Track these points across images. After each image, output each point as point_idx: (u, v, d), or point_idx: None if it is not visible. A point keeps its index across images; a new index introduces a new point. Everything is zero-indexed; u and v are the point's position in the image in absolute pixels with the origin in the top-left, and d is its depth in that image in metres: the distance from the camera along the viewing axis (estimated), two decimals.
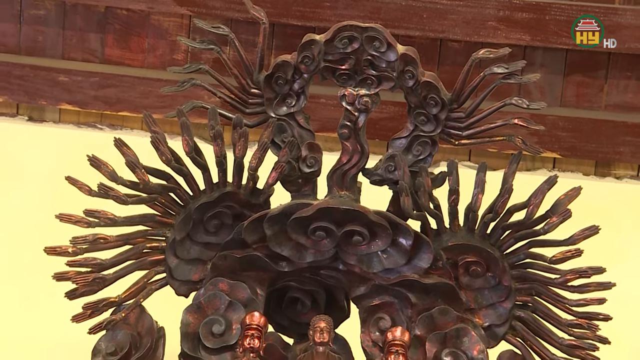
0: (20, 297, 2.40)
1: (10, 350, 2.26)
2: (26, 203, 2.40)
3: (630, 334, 2.12)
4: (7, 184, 2.64)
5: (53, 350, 2.13)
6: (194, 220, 2.07)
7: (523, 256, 2.07)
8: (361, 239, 2.03)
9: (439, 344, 2.05)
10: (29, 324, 2.28)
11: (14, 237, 2.38)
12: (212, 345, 2.04)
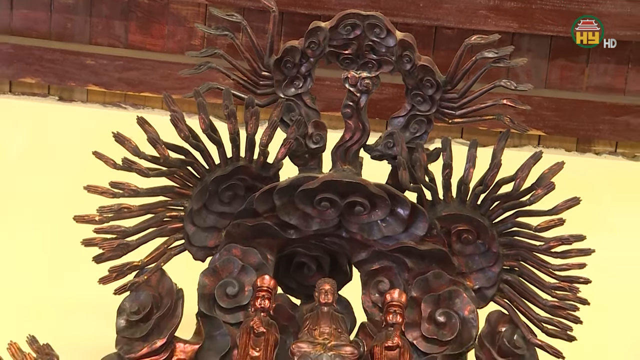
0: (53, 262, 2.40)
1: (47, 309, 2.26)
2: (57, 175, 2.41)
3: (607, 296, 2.13)
4: (39, 158, 2.64)
5: (83, 309, 2.14)
6: (209, 192, 2.07)
7: (510, 225, 2.07)
8: (362, 209, 2.03)
9: (433, 304, 2.06)
10: (61, 285, 2.28)
11: (47, 206, 2.38)
12: (226, 305, 2.04)
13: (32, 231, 2.45)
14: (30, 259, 2.41)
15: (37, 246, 2.41)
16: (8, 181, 2.65)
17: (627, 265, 2.43)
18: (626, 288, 2.43)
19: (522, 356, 2.04)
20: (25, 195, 2.55)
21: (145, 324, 2.02)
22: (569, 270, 2.06)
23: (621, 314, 2.38)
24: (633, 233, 2.55)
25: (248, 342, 1.95)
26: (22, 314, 2.23)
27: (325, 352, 1.93)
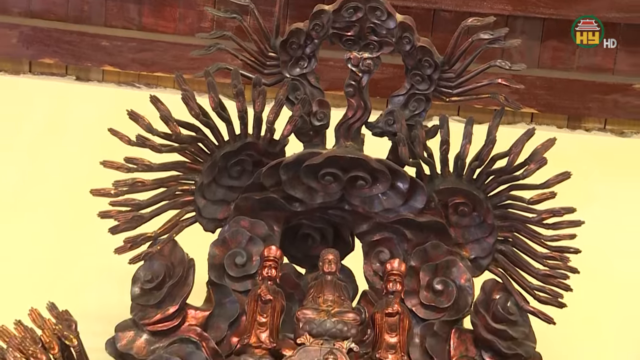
0: (71, 233, 2.40)
1: (66, 277, 2.27)
2: (74, 151, 2.41)
3: (596, 264, 2.13)
4: (58, 135, 2.64)
5: (99, 277, 2.14)
6: (219, 167, 2.07)
7: (504, 198, 2.07)
8: (364, 183, 2.03)
9: (431, 273, 2.06)
10: (78, 255, 2.29)
11: (65, 180, 2.38)
12: (235, 274, 2.05)
13: (52, 204, 2.45)
14: (50, 231, 2.42)
15: (57, 218, 2.41)
16: (29, 156, 2.64)
17: (614, 236, 2.43)
18: (613, 257, 2.43)
19: (515, 322, 2.04)
20: (44, 169, 2.55)
21: (158, 292, 2.03)
22: (559, 241, 2.07)
23: (609, 281, 2.39)
24: (620, 205, 2.56)
25: (256, 309, 1.96)
26: (42, 282, 2.24)
27: (328, 318, 1.93)
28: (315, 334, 1.92)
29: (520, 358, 2.03)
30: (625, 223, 2.57)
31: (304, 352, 1.89)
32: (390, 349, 1.94)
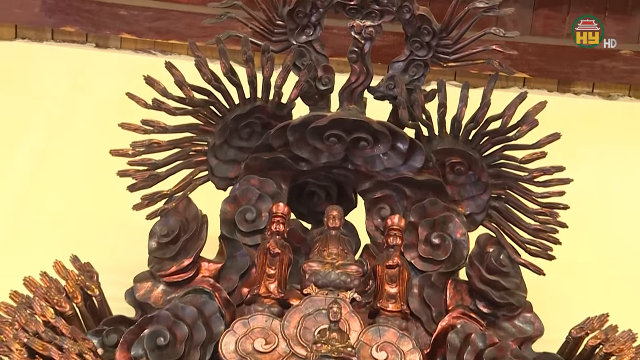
0: (92, 191, 2.40)
1: (87, 232, 2.28)
2: (94, 115, 2.41)
3: (583, 219, 2.13)
4: (79, 98, 2.64)
5: (119, 232, 2.15)
6: (230, 129, 2.07)
7: (498, 157, 2.08)
8: (366, 144, 2.03)
9: (429, 228, 2.07)
10: (99, 212, 2.30)
11: (86, 141, 2.38)
12: (245, 229, 2.06)
13: (74, 164, 2.45)
14: (73, 189, 2.41)
15: (79, 178, 2.41)
16: (52, 117, 2.64)
17: (601, 192, 2.43)
18: (600, 212, 2.43)
19: (507, 273, 2.05)
20: (67, 130, 2.54)
21: (173, 246, 2.04)
22: (549, 198, 2.07)
23: (595, 235, 2.39)
24: (606, 164, 2.55)
25: (265, 262, 1.96)
26: (65, 237, 2.24)
27: (333, 270, 1.94)
28: (320, 285, 1.93)
29: (512, 307, 2.04)
30: (610, 180, 2.57)
31: (310, 301, 1.90)
32: (390, 299, 1.95)
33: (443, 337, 1.98)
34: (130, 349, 1.91)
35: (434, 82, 2.06)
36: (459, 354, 1.95)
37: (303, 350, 1.83)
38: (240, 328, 1.87)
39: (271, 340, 1.86)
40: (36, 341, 1.87)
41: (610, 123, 2.73)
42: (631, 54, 3.25)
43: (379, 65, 2.15)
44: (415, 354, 1.86)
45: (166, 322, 1.92)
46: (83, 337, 1.91)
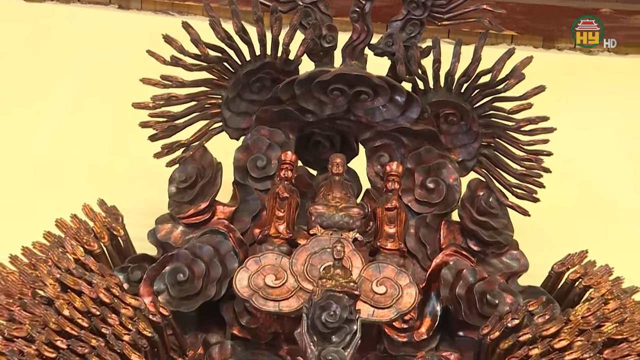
0: (117, 140, 2.39)
1: (113, 179, 2.28)
2: (117, 71, 2.40)
3: (565, 164, 2.14)
4: (103, 57, 2.63)
5: (141, 179, 2.16)
6: (242, 83, 2.07)
7: (488, 108, 2.08)
8: (367, 97, 2.03)
9: (424, 174, 2.07)
10: (123, 160, 2.29)
11: (111, 96, 2.38)
12: (256, 175, 2.07)
13: (100, 116, 2.45)
14: (100, 140, 2.40)
15: (104, 129, 2.41)
16: (81, 73, 2.63)
17: (581, 140, 2.43)
18: (581, 158, 2.43)
19: (495, 215, 2.06)
20: (94, 85, 2.54)
21: (191, 191, 2.05)
22: (535, 145, 2.07)
23: (576, 179, 2.39)
24: (586, 114, 2.55)
25: (274, 205, 1.97)
26: (93, 182, 2.25)
27: (337, 212, 1.95)
28: (325, 226, 1.93)
29: (500, 245, 2.06)
30: (590, 128, 2.57)
31: (316, 241, 1.91)
32: (389, 238, 1.96)
33: (437, 272, 1.99)
34: (153, 284, 1.94)
35: (429, 40, 2.06)
36: (451, 287, 1.97)
37: (310, 285, 1.84)
38: (253, 265, 1.88)
39: (281, 276, 1.87)
40: (68, 277, 1.88)
41: (590, 76, 2.72)
42: (610, 13, 3.22)
43: (379, 24, 2.14)
44: (412, 288, 1.87)
45: (185, 260, 1.94)
46: (110, 273, 1.93)
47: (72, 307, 1.83)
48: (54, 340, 1.80)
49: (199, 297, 1.93)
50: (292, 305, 1.84)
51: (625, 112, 2.56)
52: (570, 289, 2.01)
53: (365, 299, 1.84)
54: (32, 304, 1.84)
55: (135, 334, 1.85)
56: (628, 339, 1.88)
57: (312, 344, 1.74)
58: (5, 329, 1.81)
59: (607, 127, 2.53)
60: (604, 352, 1.86)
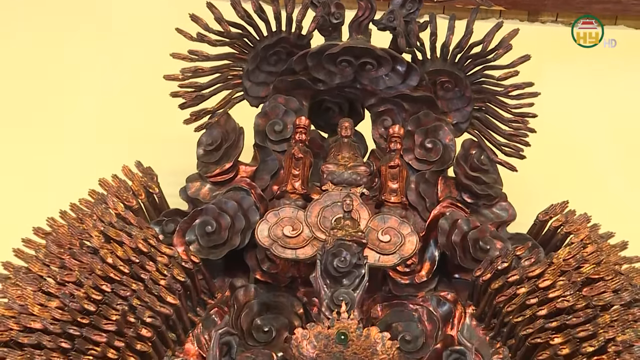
0: (152, 110, 2.35)
1: (148, 142, 2.26)
2: (149, 46, 2.38)
3: (549, 125, 2.13)
4: (136, 32, 2.59)
5: (173, 143, 2.15)
6: (260, 57, 2.07)
7: (479, 76, 2.08)
8: (371, 67, 2.03)
9: (423, 135, 2.07)
10: (158, 126, 2.28)
11: (143, 68, 2.36)
12: (274, 138, 2.07)
13: (135, 86, 2.43)
14: (136, 109, 2.39)
15: (139, 98, 2.39)
16: (115, 49, 2.59)
17: (563, 104, 2.42)
18: (562, 120, 2.43)
19: (486, 170, 2.06)
20: (129, 60, 2.51)
21: (217, 153, 2.05)
22: (521, 108, 2.07)
23: (558, 138, 2.39)
24: (567, 79, 2.54)
25: (290, 165, 1.98)
26: (131, 146, 2.24)
27: (346, 170, 1.95)
28: (336, 183, 1.94)
29: (490, 197, 2.06)
30: (571, 93, 2.56)
31: (327, 196, 1.91)
32: (392, 193, 1.97)
33: (435, 222, 2.00)
34: (185, 235, 1.95)
35: (426, 15, 2.05)
36: (448, 235, 1.98)
37: (322, 235, 1.85)
38: (272, 218, 1.89)
39: (297, 227, 1.87)
40: (110, 229, 1.90)
41: (570, 46, 2.70)
42: None
43: (381, 2, 2.13)
44: (413, 237, 1.88)
45: (213, 213, 1.95)
46: (147, 226, 1.94)
47: (115, 255, 1.86)
48: (100, 284, 1.82)
49: (225, 246, 1.94)
50: (307, 253, 1.85)
51: (601, 76, 2.54)
52: (553, 235, 2.02)
53: (372, 247, 1.85)
54: (80, 253, 1.87)
55: (170, 279, 1.87)
56: (604, 278, 1.89)
57: (326, 287, 1.76)
58: (58, 275, 1.84)
59: (586, 90, 2.52)
60: (583, 290, 1.87)
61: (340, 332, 1.68)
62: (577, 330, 1.82)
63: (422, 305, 1.97)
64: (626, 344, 1.80)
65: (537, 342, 1.85)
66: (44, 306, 1.79)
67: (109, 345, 1.77)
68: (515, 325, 1.88)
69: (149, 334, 1.82)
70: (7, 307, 1.80)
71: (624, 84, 2.52)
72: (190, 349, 1.91)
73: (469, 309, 1.97)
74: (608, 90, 2.52)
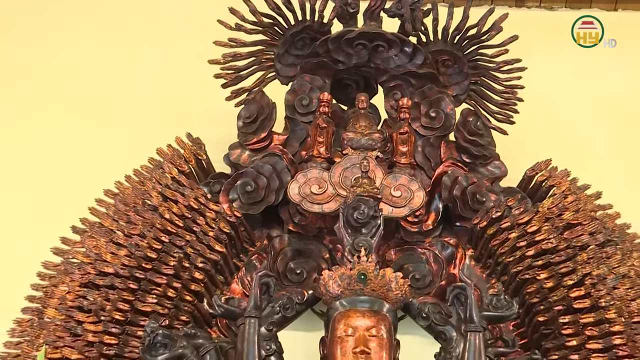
0: (200, 89, 2.24)
1: (197, 117, 2.23)
2: (195, 35, 2.34)
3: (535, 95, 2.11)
4: (185, 25, 2.51)
5: (217, 116, 2.11)
6: (289, 42, 2.06)
7: (475, 54, 2.07)
8: (383, 49, 2.02)
9: (428, 106, 2.07)
10: (205, 103, 2.23)
11: (191, 55, 2.31)
12: (302, 111, 2.05)
13: (185, 71, 2.36)
14: (186, 87, 2.32)
15: (189, 81, 2.32)
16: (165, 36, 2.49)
17: (545, 77, 2.39)
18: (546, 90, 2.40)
19: (482, 135, 2.05)
20: (177, 46, 2.45)
21: (254, 124, 2.04)
22: (511, 81, 2.06)
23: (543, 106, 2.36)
24: (549, 57, 2.50)
25: (316, 133, 1.98)
26: (182, 120, 2.18)
27: (362, 137, 1.95)
28: (354, 147, 1.94)
29: (485, 157, 2.05)
30: (552, 68, 2.52)
31: (347, 159, 1.92)
32: (402, 155, 1.97)
33: (439, 179, 2.00)
34: (229, 194, 1.96)
35: (429, 4, 2.03)
36: (450, 190, 1.98)
37: (344, 192, 1.87)
38: (301, 178, 1.90)
39: (322, 186, 1.89)
40: (167, 190, 1.92)
41: (551, 27, 2.67)
42: None
43: None
44: (420, 192, 1.89)
45: (252, 175, 1.96)
46: (197, 187, 1.96)
47: (171, 212, 1.88)
48: (159, 236, 1.85)
49: (263, 202, 1.95)
50: (332, 207, 1.86)
51: (577, 54, 2.51)
52: (539, 188, 2.02)
53: (386, 201, 1.86)
54: (142, 210, 1.89)
55: (217, 230, 1.90)
56: (582, 223, 1.91)
57: (347, 235, 1.77)
58: (125, 228, 1.87)
59: (566, 64, 2.50)
60: (564, 233, 1.89)
61: (361, 272, 1.70)
62: (559, 267, 1.85)
63: (429, 249, 1.99)
64: (600, 277, 1.82)
65: (525, 277, 1.87)
66: (115, 254, 1.83)
67: (168, 286, 1.81)
68: (507, 264, 1.90)
69: (201, 276, 1.85)
70: (85, 255, 1.84)
71: (599, 57, 2.49)
72: (235, 289, 1.95)
73: (469, 251, 1.99)
74: (585, 63, 2.49)
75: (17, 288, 1.84)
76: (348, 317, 1.68)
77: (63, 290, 1.79)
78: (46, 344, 1.69)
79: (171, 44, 2.44)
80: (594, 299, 1.79)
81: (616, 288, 1.80)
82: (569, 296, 1.81)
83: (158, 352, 1.65)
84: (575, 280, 1.82)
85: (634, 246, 1.90)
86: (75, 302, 1.77)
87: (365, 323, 1.67)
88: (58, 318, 1.75)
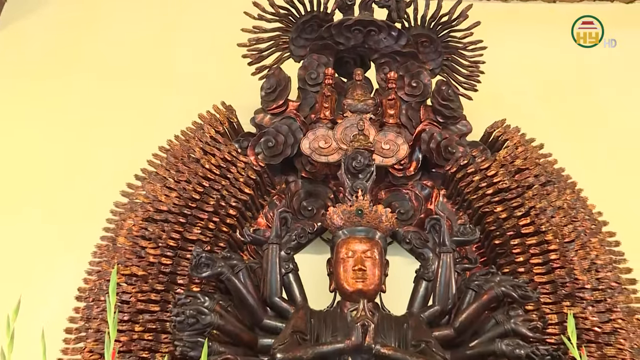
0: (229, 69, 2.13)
1: (228, 89, 2.13)
2: (225, 24, 2.29)
3: (493, 69, 2.08)
4: (217, 14, 2.42)
5: (245, 88, 2.08)
6: (300, 28, 2.05)
7: (447, 36, 2.04)
8: (374, 33, 2.02)
9: (410, 77, 2.06)
10: (233, 78, 2.18)
11: (221, 39, 2.27)
12: (311, 82, 2.04)
13: (219, 53, 2.29)
14: (220, 67, 2.27)
15: (222, 60, 2.19)
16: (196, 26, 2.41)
17: (503, 56, 2.34)
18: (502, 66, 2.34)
19: (453, 100, 2.04)
20: (210, 31, 2.43)
21: (273, 94, 2.03)
22: (475, 58, 2.05)
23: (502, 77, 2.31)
24: (505, 38, 2.45)
25: (322, 100, 1.98)
26: (218, 92, 2.08)
27: (359, 102, 1.95)
28: (352, 111, 1.95)
29: (455, 118, 2.05)
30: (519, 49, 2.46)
31: (347, 120, 1.93)
32: (390, 117, 1.98)
33: (419, 135, 2.01)
34: (255, 148, 1.98)
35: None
36: (427, 143, 1.99)
37: (345, 146, 1.88)
38: (311, 135, 1.92)
39: (328, 142, 1.90)
40: (206, 146, 1.95)
41: (525, 15, 2.59)
42: None
43: None
44: (404, 145, 1.91)
45: (272, 134, 1.98)
46: (230, 143, 1.98)
47: (210, 163, 1.91)
48: (201, 182, 1.89)
49: (281, 155, 1.97)
50: (335, 158, 1.89)
51: (537, 39, 2.47)
52: (496, 142, 2.03)
53: (377, 153, 1.88)
54: (188, 161, 1.92)
55: (246, 177, 1.94)
56: (529, 168, 1.93)
57: (348, 180, 1.79)
58: (175, 176, 1.90)
59: (525, 46, 2.47)
60: (515, 176, 1.92)
61: (358, 208, 1.73)
62: (511, 202, 1.89)
63: (411, 190, 2.02)
64: (542, 209, 1.87)
65: (485, 211, 1.92)
66: (168, 196, 1.87)
67: (209, 220, 1.86)
68: (471, 201, 1.94)
69: (234, 212, 1.90)
70: (145, 197, 1.89)
71: (546, 40, 2.46)
72: (261, 222, 1.99)
73: (442, 191, 2.01)
74: (534, 45, 2.47)
75: (95, 222, 1.90)
76: (348, 243, 1.71)
77: (130, 223, 1.84)
78: (118, 263, 1.76)
79: (209, 32, 2.42)
80: (537, 225, 1.83)
81: (553, 217, 1.85)
82: (518, 224, 1.85)
83: (202, 270, 1.71)
84: (523, 212, 1.86)
85: (567, 185, 1.94)
86: (139, 232, 1.82)
87: (362, 247, 1.70)
88: (127, 244, 1.81)
